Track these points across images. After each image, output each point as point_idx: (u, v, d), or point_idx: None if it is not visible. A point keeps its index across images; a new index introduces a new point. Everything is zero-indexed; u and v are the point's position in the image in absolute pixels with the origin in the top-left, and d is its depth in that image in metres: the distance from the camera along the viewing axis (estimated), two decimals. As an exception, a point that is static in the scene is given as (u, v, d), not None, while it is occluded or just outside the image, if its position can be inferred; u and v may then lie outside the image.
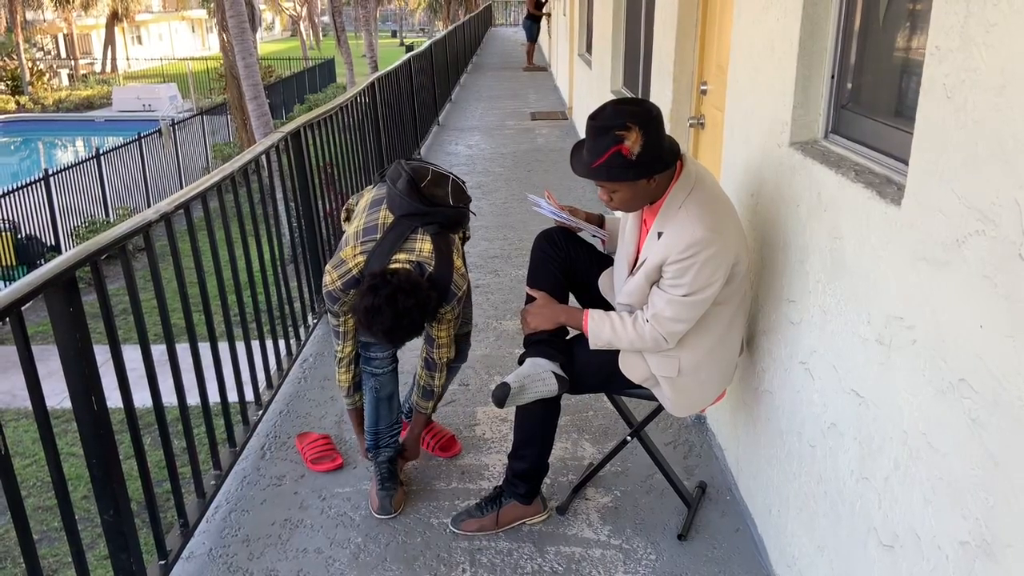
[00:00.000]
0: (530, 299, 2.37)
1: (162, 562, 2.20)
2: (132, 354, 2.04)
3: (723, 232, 2.03)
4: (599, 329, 2.17)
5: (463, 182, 2.57)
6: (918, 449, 1.46)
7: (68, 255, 1.85)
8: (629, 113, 1.96)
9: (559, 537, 2.46)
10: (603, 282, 2.37)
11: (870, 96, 1.96)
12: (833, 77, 2.05)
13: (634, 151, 1.93)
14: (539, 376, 2.24)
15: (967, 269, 1.30)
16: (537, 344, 2.30)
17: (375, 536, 2.47)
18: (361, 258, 2.30)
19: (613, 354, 2.23)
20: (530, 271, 2.41)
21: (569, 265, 2.38)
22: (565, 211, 2.40)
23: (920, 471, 1.46)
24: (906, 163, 1.53)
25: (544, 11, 16.27)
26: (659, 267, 2.06)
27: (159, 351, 2.21)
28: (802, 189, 2.02)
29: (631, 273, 2.18)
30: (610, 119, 1.96)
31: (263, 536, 2.48)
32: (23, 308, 1.68)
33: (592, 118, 2.01)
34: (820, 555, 1.93)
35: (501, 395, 2.20)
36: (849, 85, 2.03)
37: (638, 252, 2.19)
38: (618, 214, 2.32)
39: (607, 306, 2.34)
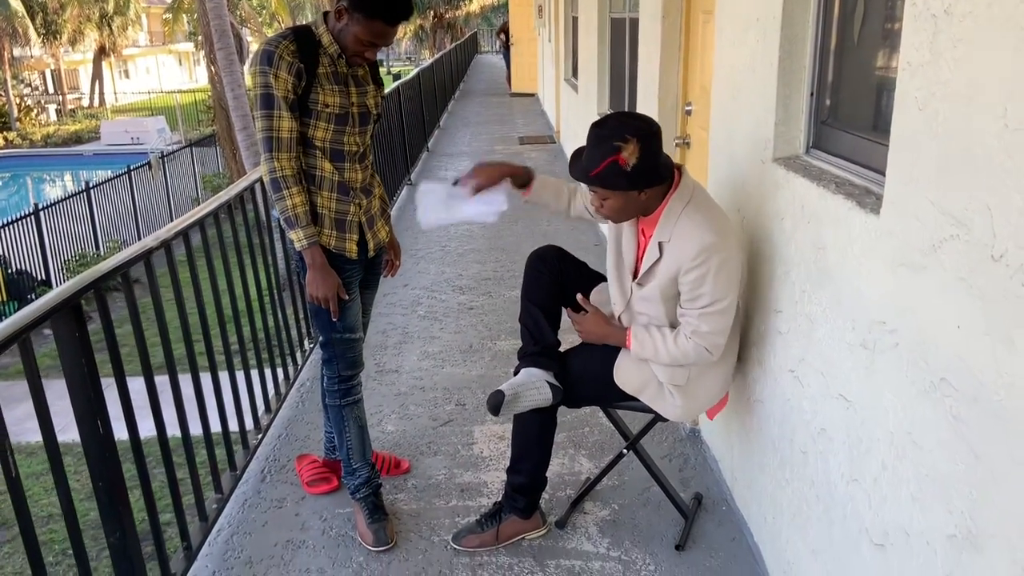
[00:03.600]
0: (577, 307, 2.36)
1: (167, 585, 2.22)
2: (132, 383, 2.07)
3: (728, 236, 2.10)
4: (642, 346, 2.21)
5: None
6: (904, 448, 1.51)
7: (73, 282, 1.90)
8: (631, 126, 2.03)
9: (559, 551, 2.49)
10: (598, 297, 2.42)
11: (848, 111, 2.03)
12: (812, 94, 2.13)
13: (630, 162, 1.99)
14: (533, 384, 2.29)
15: (944, 273, 1.36)
16: (531, 355, 2.35)
17: (377, 555, 2.50)
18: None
19: (607, 366, 2.29)
20: (524, 289, 2.47)
21: (562, 281, 2.43)
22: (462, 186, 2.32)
23: (907, 470, 1.51)
24: (883, 174, 1.59)
25: (511, 42, 17.19)
26: (674, 280, 2.11)
27: (159, 379, 2.25)
28: (786, 203, 2.09)
29: (638, 282, 2.24)
30: (612, 130, 2.03)
31: (265, 558, 2.51)
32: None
33: (595, 126, 2.08)
34: (815, 559, 1.97)
35: (496, 402, 2.25)
36: (828, 101, 2.10)
37: (638, 264, 2.25)
38: (605, 228, 2.38)
39: None
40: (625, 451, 2.55)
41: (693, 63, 3.57)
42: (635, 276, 2.26)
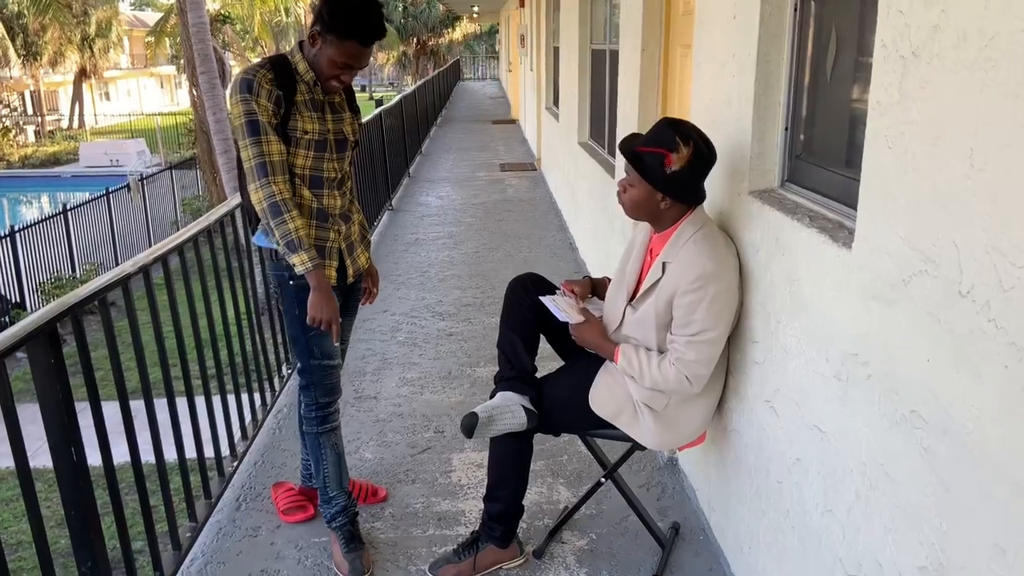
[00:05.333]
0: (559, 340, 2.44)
1: (138, 616, 2.19)
2: (106, 408, 2.06)
3: (728, 269, 2.16)
4: (628, 363, 2.23)
5: None
6: (876, 479, 1.53)
7: (49, 307, 1.89)
8: (696, 136, 2.11)
9: (536, 581, 2.49)
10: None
11: (821, 147, 2.08)
12: (787, 129, 2.17)
13: (675, 166, 2.07)
14: (508, 408, 2.30)
15: (913, 307, 1.39)
16: (507, 380, 2.37)
17: (353, 585, 2.47)
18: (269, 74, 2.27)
19: (583, 391, 2.30)
20: (503, 315, 2.48)
21: (539, 308, 2.45)
22: (569, 301, 2.41)
23: (879, 501, 1.53)
24: (856, 209, 1.63)
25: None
26: (670, 303, 2.14)
27: (134, 404, 2.23)
28: (761, 235, 2.12)
29: (629, 303, 2.27)
30: (680, 129, 2.11)
31: (239, 588, 2.48)
32: None
33: (669, 119, 2.16)
34: (790, 589, 1.98)
35: (469, 424, 2.26)
36: (802, 137, 2.14)
37: (638, 283, 2.29)
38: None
39: (573, 348, 2.43)
40: (603, 480, 2.56)
41: (671, 95, 3.63)
42: (632, 298, 2.29)
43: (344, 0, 2.18)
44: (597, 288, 2.56)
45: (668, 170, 2.08)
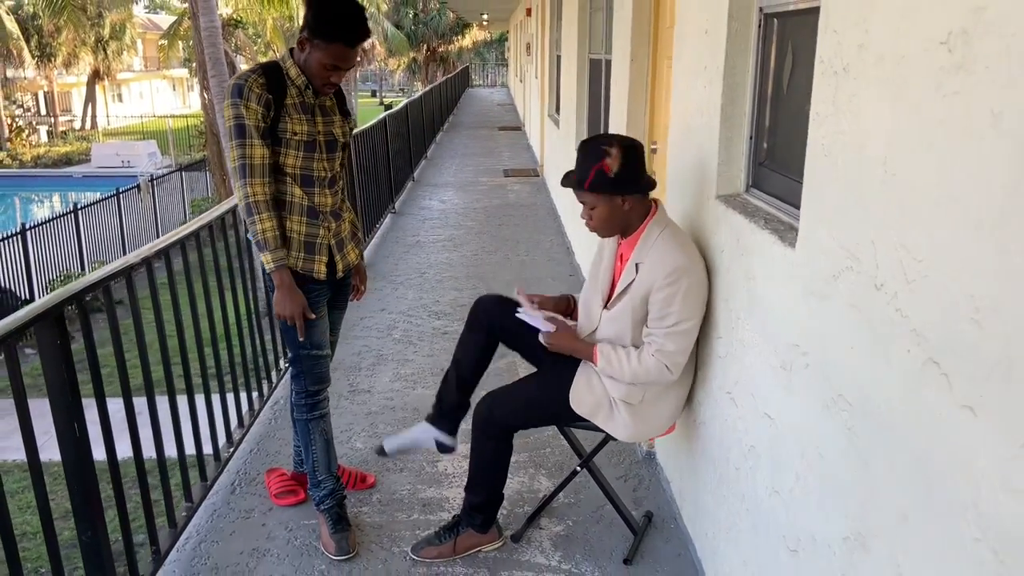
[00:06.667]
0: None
1: (135, 586, 2.33)
2: (111, 402, 2.20)
3: (697, 262, 2.32)
4: (608, 362, 2.36)
5: None
6: (812, 460, 1.66)
7: (56, 292, 2.03)
8: (615, 138, 2.33)
9: (512, 563, 2.61)
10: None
11: (780, 154, 2.21)
12: (751, 138, 2.31)
13: (614, 168, 2.25)
14: (423, 443, 2.76)
15: (841, 300, 1.53)
16: (434, 415, 2.73)
17: (339, 564, 2.61)
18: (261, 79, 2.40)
19: (560, 393, 2.44)
20: (458, 342, 2.72)
21: (499, 327, 2.65)
22: (537, 312, 2.53)
23: (814, 480, 1.66)
24: (801, 212, 1.76)
25: None
26: (645, 299, 2.30)
27: (136, 396, 2.37)
28: (725, 236, 2.26)
29: (606, 306, 2.41)
30: (598, 141, 2.33)
31: (231, 564, 2.62)
32: None
33: (584, 142, 2.37)
34: (745, 569, 2.11)
35: (379, 452, 2.84)
36: (765, 145, 2.28)
37: (612, 286, 2.44)
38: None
39: (545, 355, 2.57)
40: (578, 468, 2.69)
41: (659, 105, 3.77)
42: (606, 303, 2.42)
43: (329, 6, 2.34)
44: (558, 304, 2.69)
45: (612, 175, 2.26)
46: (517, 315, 2.52)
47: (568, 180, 2.38)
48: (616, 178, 2.26)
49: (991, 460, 1.08)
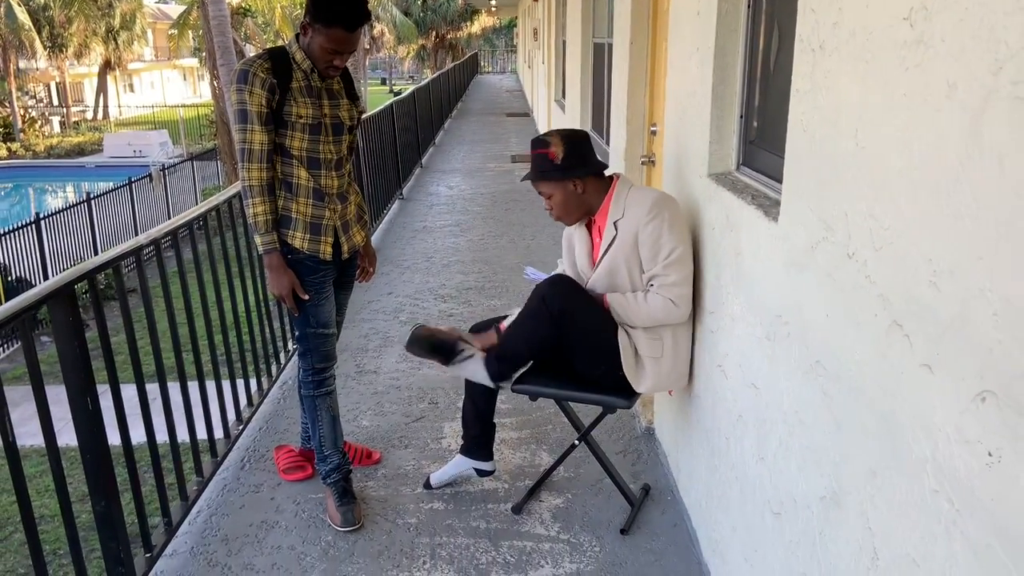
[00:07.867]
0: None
1: (148, 555, 2.42)
2: (124, 388, 2.30)
3: (669, 197, 2.48)
4: (617, 306, 2.46)
5: None
6: (793, 425, 1.73)
7: (68, 271, 2.12)
8: (556, 131, 2.52)
9: (513, 533, 2.69)
10: None
11: (768, 132, 2.26)
12: (742, 117, 2.36)
13: (559, 155, 2.44)
14: (464, 474, 2.90)
15: (818, 270, 1.58)
16: (465, 447, 2.84)
17: (344, 535, 2.70)
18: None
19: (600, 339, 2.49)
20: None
21: None
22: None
23: (795, 444, 1.72)
24: (784, 186, 1.82)
25: None
26: (634, 243, 2.42)
27: (148, 375, 2.46)
28: (716, 213, 2.31)
29: (593, 267, 2.54)
30: (543, 135, 2.57)
31: (241, 536, 2.71)
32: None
33: (534, 139, 2.54)
34: (734, 534, 2.18)
35: (426, 486, 2.94)
36: (755, 123, 2.33)
37: (593, 257, 2.56)
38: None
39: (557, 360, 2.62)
40: (577, 442, 2.76)
41: (658, 87, 3.81)
42: (595, 265, 2.55)
43: None
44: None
45: (558, 161, 2.45)
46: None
47: (528, 179, 2.53)
48: (563, 164, 2.44)
49: (946, 414, 1.14)
